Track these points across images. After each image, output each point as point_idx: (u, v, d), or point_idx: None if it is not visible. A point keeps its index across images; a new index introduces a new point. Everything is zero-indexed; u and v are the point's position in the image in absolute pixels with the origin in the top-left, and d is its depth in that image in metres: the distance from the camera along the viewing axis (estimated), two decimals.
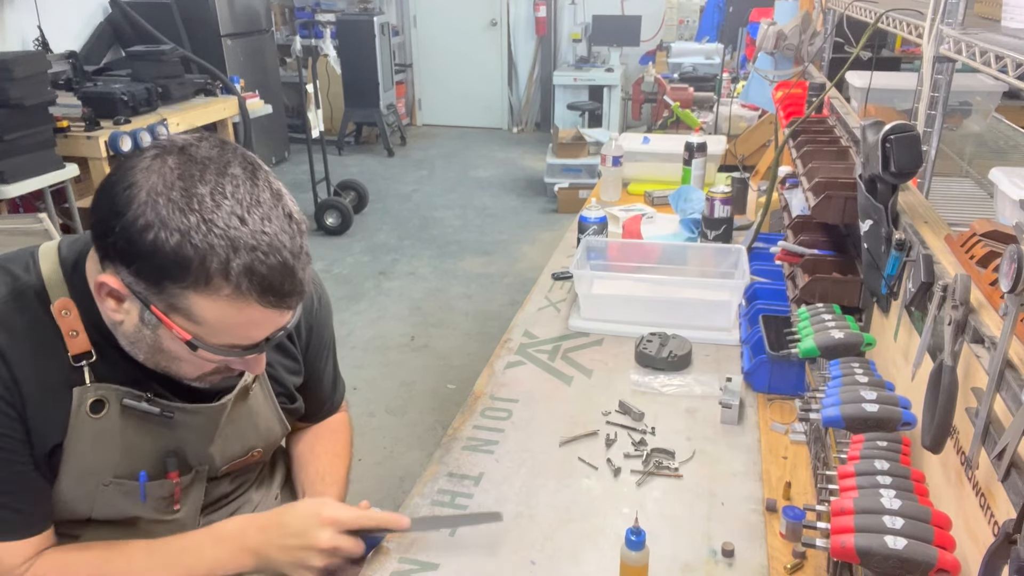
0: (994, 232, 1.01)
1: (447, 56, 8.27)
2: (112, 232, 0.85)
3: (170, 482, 1.08)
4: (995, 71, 1.05)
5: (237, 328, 0.90)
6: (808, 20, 2.66)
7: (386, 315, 4.12)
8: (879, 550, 0.82)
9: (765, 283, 1.86)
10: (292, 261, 0.88)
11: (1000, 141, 1.97)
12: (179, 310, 0.87)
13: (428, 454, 1.82)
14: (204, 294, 0.85)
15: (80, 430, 0.99)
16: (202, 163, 0.86)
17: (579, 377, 1.64)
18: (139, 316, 0.90)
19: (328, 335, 1.32)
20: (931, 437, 0.89)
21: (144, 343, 0.94)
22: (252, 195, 0.86)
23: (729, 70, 4.76)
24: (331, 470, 1.30)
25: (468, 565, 1.14)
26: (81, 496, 1.03)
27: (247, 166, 0.89)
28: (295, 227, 0.89)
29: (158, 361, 0.97)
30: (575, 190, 5.54)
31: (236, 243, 0.84)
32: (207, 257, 0.83)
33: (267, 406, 1.18)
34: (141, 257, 0.84)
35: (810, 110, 2.00)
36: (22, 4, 4.69)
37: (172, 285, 0.85)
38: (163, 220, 0.82)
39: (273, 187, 0.90)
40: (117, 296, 0.90)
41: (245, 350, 0.94)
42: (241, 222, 0.84)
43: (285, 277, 0.87)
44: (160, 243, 0.83)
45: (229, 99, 4.59)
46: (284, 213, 0.89)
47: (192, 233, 0.82)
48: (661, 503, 1.26)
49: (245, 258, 0.84)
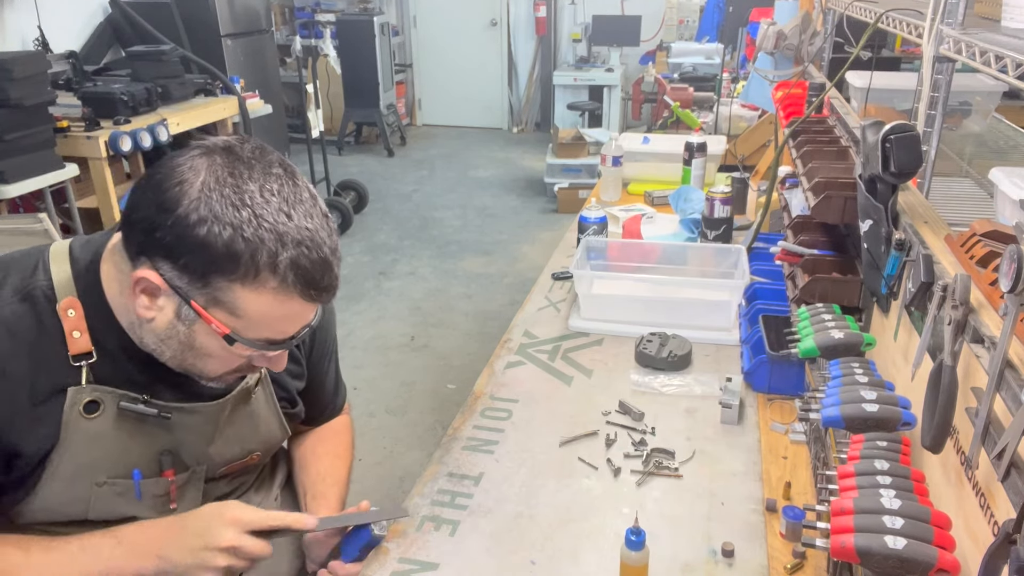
0: (994, 232, 1.01)
1: (447, 56, 8.27)
2: (160, 227, 0.87)
3: (165, 481, 1.08)
4: (995, 71, 1.05)
5: (275, 322, 0.93)
6: (808, 20, 2.66)
7: (386, 315, 4.12)
8: (879, 550, 0.82)
9: (765, 283, 1.86)
10: (331, 257, 0.92)
11: (1000, 141, 1.97)
12: (222, 304, 0.90)
13: (428, 454, 1.82)
14: (251, 287, 0.88)
15: (73, 430, 0.99)
16: (248, 162, 0.90)
17: (579, 377, 1.64)
18: (175, 312, 0.92)
19: (331, 339, 1.32)
20: (931, 437, 0.89)
21: (175, 340, 0.95)
22: (295, 194, 0.90)
23: (729, 70, 4.76)
24: (332, 471, 1.30)
25: (468, 565, 1.14)
26: (75, 497, 1.03)
27: (287, 167, 0.93)
28: (331, 226, 0.94)
29: (185, 358, 0.97)
30: (575, 190, 5.54)
31: (284, 238, 0.87)
32: (257, 251, 0.86)
33: (268, 409, 1.19)
34: (191, 251, 0.86)
35: (810, 110, 2.00)
36: (22, 4, 4.69)
37: (220, 278, 0.87)
38: (216, 215, 0.85)
39: (310, 189, 0.94)
40: (152, 292, 0.91)
41: (277, 346, 0.96)
42: (288, 218, 0.88)
43: (325, 271, 0.91)
44: (213, 237, 0.85)
45: (229, 99, 4.59)
46: (321, 212, 0.93)
47: (244, 227, 0.86)
48: (661, 503, 1.26)
49: (292, 252, 0.88)
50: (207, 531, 1.01)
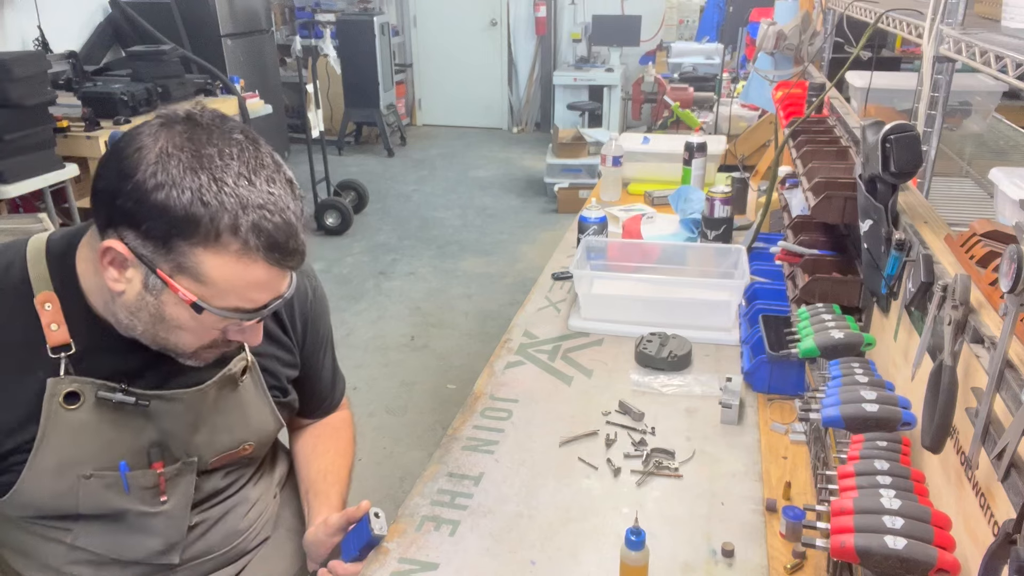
0: (994, 232, 1.01)
1: (447, 56, 8.27)
2: (121, 194, 0.87)
3: (154, 473, 1.08)
4: (995, 71, 1.05)
5: (242, 288, 0.92)
6: (808, 20, 2.66)
7: (386, 315, 4.12)
8: (879, 550, 0.82)
9: (765, 283, 1.86)
10: (295, 221, 0.92)
11: (1000, 141, 1.97)
12: (186, 270, 0.89)
13: (428, 454, 1.82)
14: (213, 250, 0.88)
15: (55, 422, 1.00)
16: (207, 128, 0.90)
17: (579, 377, 1.64)
18: (143, 282, 0.92)
19: (325, 328, 1.32)
20: (931, 437, 0.89)
21: (145, 312, 0.95)
22: (256, 159, 0.91)
23: (729, 70, 4.76)
24: (333, 468, 1.30)
25: (468, 565, 1.14)
26: (63, 490, 1.03)
27: (248, 134, 0.94)
28: (296, 192, 0.94)
29: (157, 332, 0.97)
30: (575, 190, 5.53)
31: (245, 201, 0.87)
32: (218, 213, 0.86)
33: (259, 398, 1.17)
34: (151, 216, 0.86)
35: (810, 110, 2.00)
36: (22, 4, 4.69)
37: (182, 242, 0.87)
38: (174, 179, 0.85)
39: (273, 156, 0.94)
40: (121, 263, 0.91)
41: (247, 315, 0.95)
42: (248, 182, 0.88)
43: (290, 235, 0.91)
44: (172, 201, 0.85)
45: (229, 99, 4.59)
46: (285, 178, 0.94)
47: (203, 191, 0.86)
48: (661, 503, 1.26)
49: (253, 215, 0.88)
50: None
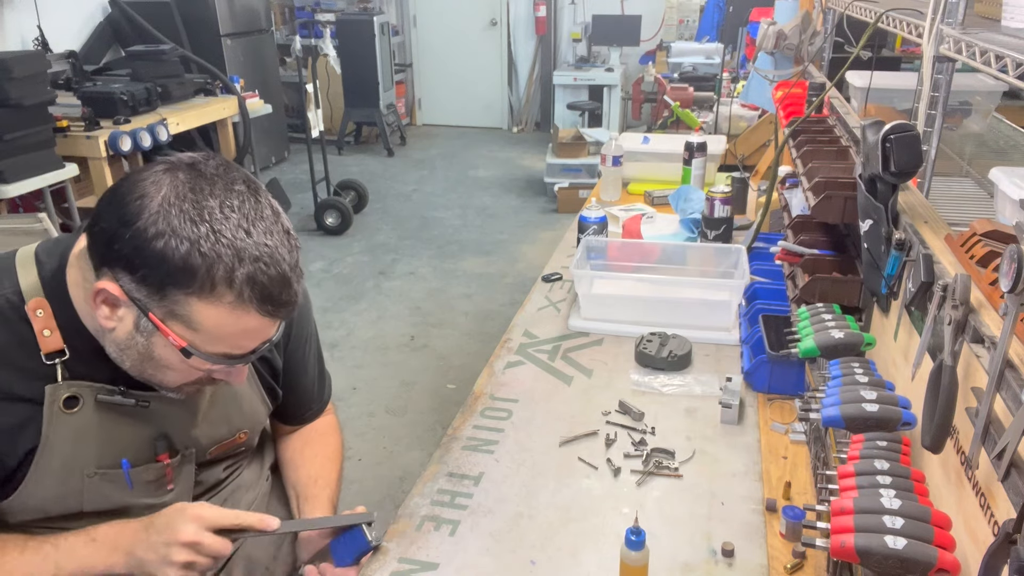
0: (994, 232, 1.01)
1: (447, 56, 8.27)
2: (119, 239, 0.88)
3: (158, 466, 1.10)
4: (995, 71, 1.05)
5: (232, 337, 0.93)
6: (808, 20, 2.66)
7: (386, 315, 4.12)
8: (879, 550, 0.82)
9: (765, 283, 1.86)
10: (290, 273, 0.93)
11: (1000, 141, 1.97)
12: (178, 317, 0.91)
13: (428, 454, 1.82)
14: (207, 301, 0.89)
15: (56, 426, 1.01)
16: (211, 178, 0.91)
17: (579, 377, 1.64)
18: (134, 323, 0.93)
19: (309, 325, 1.33)
20: (931, 437, 0.89)
21: (134, 350, 0.96)
22: (256, 210, 0.92)
23: (729, 70, 4.76)
24: (323, 472, 1.31)
25: (468, 565, 1.14)
26: (68, 491, 1.04)
27: (250, 183, 0.94)
28: (292, 242, 0.95)
29: (144, 369, 0.99)
30: (575, 190, 5.54)
31: (242, 253, 0.89)
32: (214, 265, 0.87)
33: (251, 387, 1.21)
34: (148, 265, 0.88)
35: (810, 110, 2.00)
36: (22, 4, 4.69)
37: (176, 291, 0.89)
38: (174, 229, 0.87)
39: (273, 205, 0.95)
40: (113, 303, 0.93)
41: (237, 361, 0.97)
42: (247, 234, 0.89)
43: (283, 288, 0.92)
44: (170, 251, 0.87)
45: (229, 99, 4.59)
46: (283, 229, 0.94)
47: (202, 242, 0.87)
48: (661, 503, 1.26)
49: (249, 268, 0.89)
50: (168, 527, 1.02)
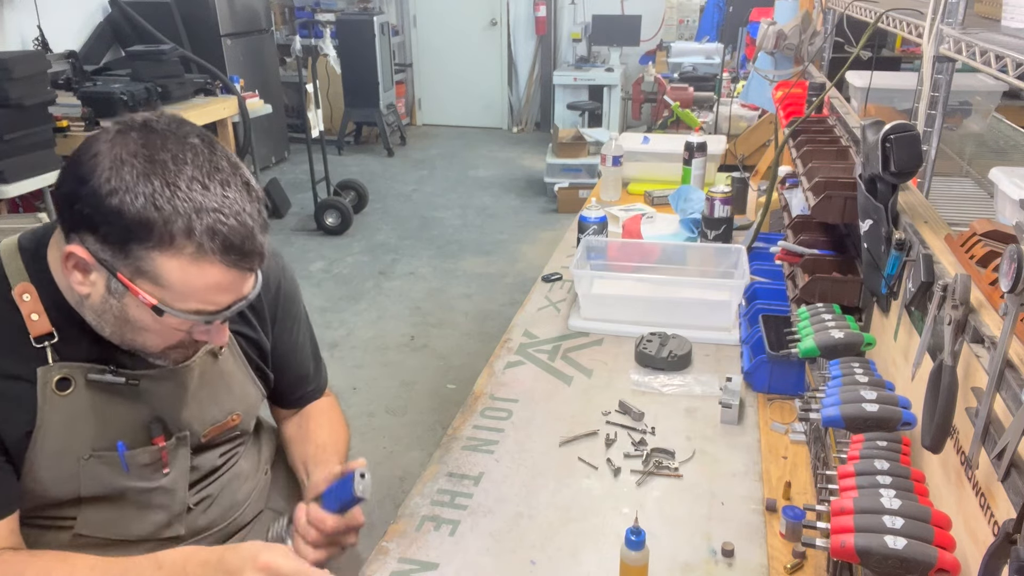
0: (994, 232, 1.01)
1: (447, 56, 8.27)
2: (78, 199, 0.89)
3: (153, 448, 1.10)
4: (995, 71, 1.05)
5: (201, 291, 0.93)
6: (808, 20, 2.66)
7: (386, 315, 4.12)
8: (879, 550, 0.82)
9: (765, 283, 1.86)
10: (251, 223, 0.93)
11: (1000, 141, 1.97)
12: (145, 274, 0.91)
13: (428, 454, 1.82)
14: (169, 254, 0.89)
15: (50, 409, 1.02)
16: (162, 134, 0.92)
17: (579, 377, 1.64)
18: (105, 286, 0.94)
19: (296, 306, 1.33)
20: (931, 437, 0.89)
21: (110, 315, 0.96)
22: (211, 163, 0.92)
23: (729, 70, 4.76)
24: (331, 442, 1.30)
25: (468, 565, 1.14)
26: (64, 475, 1.05)
27: (204, 138, 0.95)
28: (253, 194, 0.95)
29: (124, 334, 0.99)
30: (575, 190, 5.53)
31: (198, 205, 0.89)
32: (171, 217, 0.88)
33: (239, 369, 1.20)
34: (107, 221, 0.88)
35: (810, 110, 2.00)
36: (22, 4, 4.68)
37: (137, 247, 0.89)
38: (127, 185, 0.87)
39: (230, 158, 0.95)
40: (84, 267, 0.93)
41: (210, 317, 0.96)
42: (203, 186, 0.90)
43: (246, 237, 0.92)
44: (126, 206, 0.87)
45: (229, 99, 4.59)
46: (242, 181, 0.94)
47: (156, 196, 0.88)
48: (661, 503, 1.26)
49: (207, 219, 0.89)
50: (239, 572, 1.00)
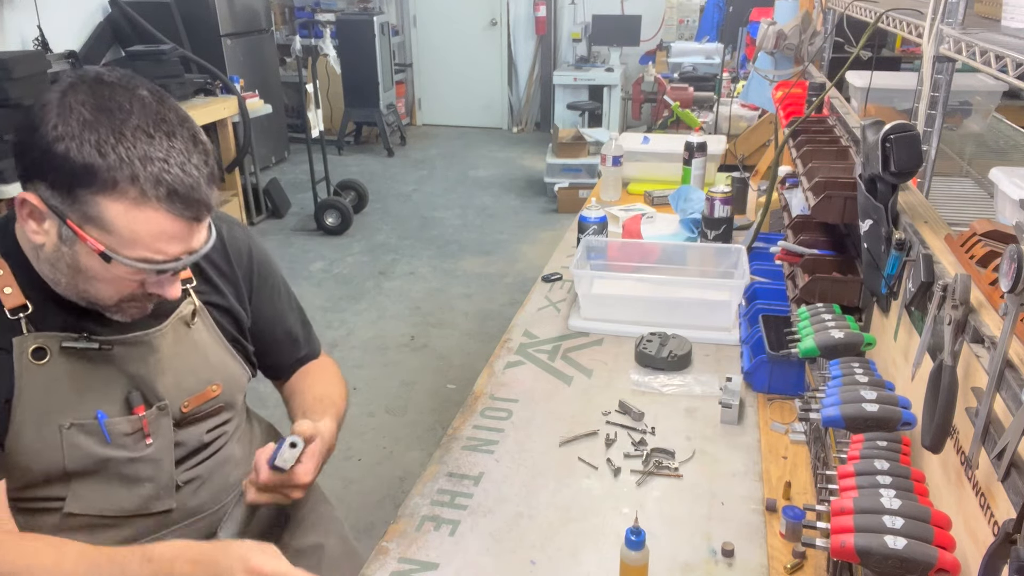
0: (994, 232, 1.01)
1: (447, 56, 8.27)
2: (29, 148, 0.93)
3: (133, 418, 1.11)
4: (995, 71, 1.05)
5: (147, 239, 0.95)
6: (808, 20, 2.66)
7: (386, 315, 4.12)
8: (879, 550, 0.82)
9: (765, 283, 1.86)
10: (196, 173, 0.95)
11: (1000, 141, 1.97)
12: (92, 220, 0.93)
13: (428, 454, 1.82)
14: (112, 198, 0.92)
15: (28, 377, 1.04)
16: (111, 86, 0.95)
17: (579, 377, 1.64)
18: (57, 233, 0.96)
19: (274, 277, 1.34)
20: (931, 437, 0.89)
21: (63, 263, 0.99)
22: (159, 114, 0.95)
23: (729, 70, 4.76)
24: (327, 394, 1.33)
25: (468, 565, 1.14)
26: (47, 445, 1.06)
27: (154, 92, 0.97)
28: (200, 147, 0.97)
29: (77, 284, 1.01)
30: (575, 190, 5.53)
31: (142, 153, 0.92)
32: (114, 164, 0.91)
33: (214, 340, 1.21)
34: (54, 167, 0.91)
35: (810, 110, 2.00)
36: (22, 4, 4.68)
37: (83, 191, 0.92)
38: (73, 132, 0.90)
39: (179, 112, 0.98)
40: (38, 216, 0.96)
41: (158, 266, 0.98)
42: (147, 136, 0.92)
43: (191, 187, 0.95)
44: (71, 152, 0.90)
45: (229, 99, 4.60)
46: (189, 133, 0.97)
47: (101, 143, 0.90)
48: (661, 503, 1.26)
49: (152, 167, 0.92)
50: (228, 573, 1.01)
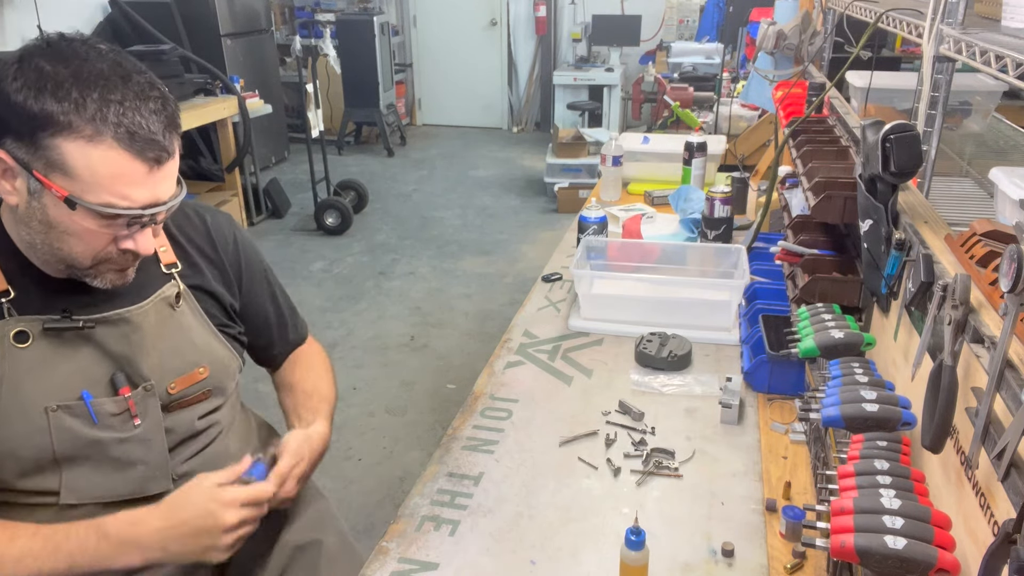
0: (994, 232, 1.01)
1: (447, 56, 8.27)
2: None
3: (120, 399, 1.11)
4: (995, 71, 1.05)
5: (108, 181, 0.96)
6: (808, 20, 2.66)
7: (386, 315, 4.12)
8: (879, 550, 0.82)
9: (765, 283, 1.86)
10: (153, 116, 0.97)
11: (1000, 141, 1.97)
12: (55, 166, 0.94)
13: (428, 454, 1.82)
14: (71, 138, 0.93)
15: (11, 362, 1.05)
16: (71, 41, 0.99)
17: (579, 377, 1.64)
18: (27, 188, 0.97)
19: (259, 262, 1.36)
20: (931, 437, 0.89)
21: (35, 220, 0.99)
22: (115, 63, 0.98)
23: (729, 70, 4.76)
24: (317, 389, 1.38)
25: (468, 565, 1.14)
26: (34, 428, 1.06)
27: (115, 49, 1.00)
28: (157, 91, 0.99)
29: (51, 243, 1.01)
30: (575, 190, 5.54)
31: (99, 96, 0.94)
32: (72, 106, 0.93)
33: (199, 323, 1.22)
34: (16, 115, 0.93)
35: (810, 110, 2.00)
36: (22, 4, 4.69)
37: (43, 135, 0.93)
38: (31, 80, 0.93)
39: (137, 65, 1.00)
40: (9, 175, 0.97)
41: (123, 211, 0.98)
42: (104, 79, 0.95)
43: (150, 127, 0.97)
44: (29, 99, 0.92)
45: (229, 99, 4.59)
46: (147, 81, 0.99)
47: (57, 88, 0.93)
48: (661, 503, 1.26)
49: (108, 109, 0.94)
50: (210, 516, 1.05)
